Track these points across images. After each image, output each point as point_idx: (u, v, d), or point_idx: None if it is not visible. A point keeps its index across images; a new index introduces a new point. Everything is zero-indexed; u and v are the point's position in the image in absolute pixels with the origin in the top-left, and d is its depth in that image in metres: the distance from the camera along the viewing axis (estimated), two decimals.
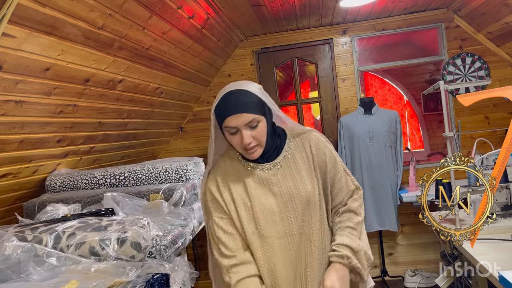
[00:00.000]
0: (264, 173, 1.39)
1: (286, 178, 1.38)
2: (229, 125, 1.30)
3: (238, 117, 1.28)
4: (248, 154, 1.35)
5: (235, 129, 1.30)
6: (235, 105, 1.29)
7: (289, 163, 1.40)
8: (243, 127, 1.29)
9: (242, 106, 1.29)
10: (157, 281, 1.61)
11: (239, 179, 1.40)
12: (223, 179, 1.41)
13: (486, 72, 3.73)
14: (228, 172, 1.42)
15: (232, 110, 1.29)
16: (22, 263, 1.61)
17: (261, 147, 1.35)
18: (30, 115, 2.06)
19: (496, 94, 1.95)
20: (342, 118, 3.75)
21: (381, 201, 3.52)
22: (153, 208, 2.29)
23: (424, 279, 3.63)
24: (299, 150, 1.42)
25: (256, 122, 1.30)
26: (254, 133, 1.31)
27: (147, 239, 1.81)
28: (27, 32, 1.65)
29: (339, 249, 1.33)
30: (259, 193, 1.37)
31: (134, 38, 2.32)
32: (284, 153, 1.41)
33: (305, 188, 1.37)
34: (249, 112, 1.29)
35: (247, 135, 1.29)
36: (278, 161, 1.40)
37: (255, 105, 1.30)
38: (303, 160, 1.41)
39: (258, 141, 1.32)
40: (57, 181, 2.65)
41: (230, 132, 1.32)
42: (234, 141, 1.33)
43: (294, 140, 1.44)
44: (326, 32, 3.98)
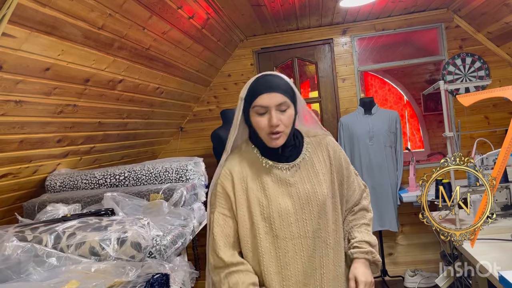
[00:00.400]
0: (283, 173, 1.37)
1: (304, 181, 1.37)
2: (260, 104, 1.29)
3: (271, 96, 1.29)
4: (272, 140, 1.32)
5: (265, 110, 1.30)
6: (269, 84, 1.31)
7: (307, 165, 1.40)
8: (273, 108, 1.29)
9: (276, 86, 1.30)
10: (157, 281, 1.61)
11: (256, 177, 1.37)
12: (239, 175, 1.38)
13: (486, 72, 3.73)
14: (245, 168, 1.39)
15: (265, 89, 1.29)
16: (22, 263, 1.61)
17: (285, 136, 1.34)
18: (30, 115, 2.06)
19: (496, 94, 1.95)
20: (342, 118, 3.74)
21: (381, 201, 3.52)
22: (153, 208, 2.29)
23: (424, 279, 3.63)
24: (316, 152, 1.43)
25: (286, 107, 1.31)
26: (282, 117, 1.31)
27: (147, 239, 1.81)
28: (27, 32, 1.65)
29: (362, 245, 1.40)
30: (276, 193, 1.35)
31: (134, 38, 2.32)
32: (303, 155, 1.41)
33: (322, 191, 1.37)
34: (282, 94, 1.30)
35: (276, 116, 1.29)
36: (296, 163, 1.39)
37: (288, 90, 1.32)
38: (320, 163, 1.41)
39: (285, 126, 1.31)
40: (57, 181, 2.65)
41: (259, 113, 1.31)
42: (262, 123, 1.31)
43: (311, 142, 1.45)
44: (326, 32, 3.98)
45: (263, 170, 1.38)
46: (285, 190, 1.36)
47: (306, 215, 1.35)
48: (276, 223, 1.33)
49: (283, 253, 1.34)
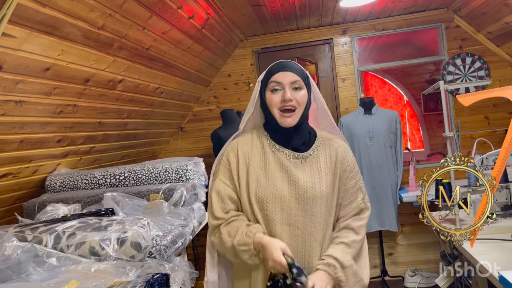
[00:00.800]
0: (286, 161, 1.40)
1: (306, 174, 1.39)
2: (275, 80, 1.37)
3: (286, 74, 1.37)
4: (284, 118, 1.37)
5: (280, 86, 1.37)
6: (285, 64, 1.41)
7: (312, 161, 1.42)
8: (287, 85, 1.37)
9: (291, 66, 1.40)
10: (157, 281, 1.61)
11: (260, 156, 1.42)
12: (245, 150, 1.43)
13: (486, 72, 3.73)
14: (253, 145, 1.44)
15: (281, 68, 1.39)
16: (22, 263, 1.61)
17: (297, 116, 1.38)
18: (30, 115, 2.06)
19: (496, 94, 1.95)
20: (342, 118, 3.74)
21: (381, 201, 3.52)
22: (153, 208, 2.29)
23: (424, 279, 3.63)
24: (324, 153, 1.44)
25: (299, 86, 1.38)
26: (295, 94, 1.37)
27: (147, 239, 1.81)
28: (27, 32, 1.65)
29: (327, 259, 1.35)
30: (276, 176, 1.39)
31: (134, 38, 2.32)
32: (311, 152, 1.43)
33: (321, 189, 1.38)
34: (296, 73, 1.38)
35: (292, 93, 1.36)
36: (302, 156, 1.41)
37: (302, 73, 1.41)
38: (325, 163, 1.42)
39: (298, 104, 1.37)
40: (57, 181, 2.65)
41: (273, 89, 1.38)
42: (275, 99, 1.37)
43: (323, 143, 1.46)
44: (326, 32, 3.98)
45: (269, 153, 1.42)
46: (285, 176, 1.39)
47: (300, 206, 1.37)
48: (268, 206, 1.36)
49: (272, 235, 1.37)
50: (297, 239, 1.37)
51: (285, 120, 1.37)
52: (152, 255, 1.91)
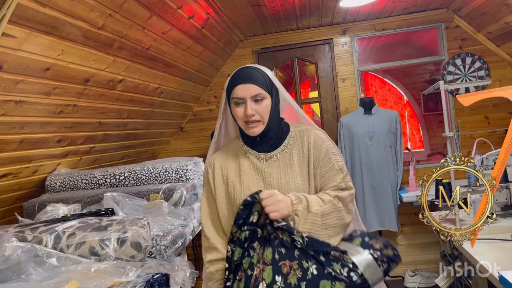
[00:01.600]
0: (260, 163, 1.42)
1: (280, 171, 1.40)
2: (236, 96, 1.36)
3: (245, 87, 1.35)
4: (249, 129, 1.38)
5: (241, 100, 1.36)
6: (245, 76, 1.38)
7: (285, 157, 1.42)
8: (248, 99, 1.35)
9: (251, 78, 1.37)
10: (157, 281, 1.61)
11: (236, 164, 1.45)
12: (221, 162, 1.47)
13: (486, 72, 3.73)
14: (229, 156, 1.47)
15: (241, 80, 1.37)
16: (22, 264, 1.61)
17: (263, 125, 1.38)
18: (30, 115, 2.06)
19: (496, 94, 1.95)
20: (342, 118, 3.74)
21: (381, 201, 3.52)
22: (153, 208, 2.29)
23: (424, 279, 3.63)
24: (297, 145, 1.44)
25: (261, 97, 1.37)
26: (257, 107, 1.36)
27: (147, 239, 1.81)
28: (27, 32, 1.65)
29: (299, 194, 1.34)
30: (250, 179, 1.40)
31: (134, 38, 2.32)
32: (283, 147, 1.43)
33: (295, 183, 1.38)
34: (256, 85, 1.36)
35: (251, 107, 1.35)
36: (275, 153, 1.42)
37: (264, 81, 1.38)
38: (298, 156, 1.43)
39: (261, 116, 1.37)
40: (57, 181, 2.65)
41: (236, 103, 1.37)
42: (239, 113, 1.37)
43: (295, 137, 1.46)
44: (326, 32, 3.98)
45: (244, 158, 1.44)
46: (260, 178, 1.40)
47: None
48: None
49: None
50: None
51: (250, 130, 1.38)
52: (152, 255, 1.91)
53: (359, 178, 3.57)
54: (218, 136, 1.53)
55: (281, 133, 1.45)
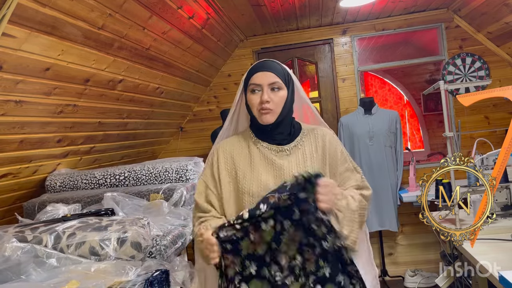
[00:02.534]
0: (271, 154, 1.43)
1: (291, 164, 1.41)
2: (254, 82, 1.40)
3: (264, 74, 1.39)
4: (262, 116, 1.39)
5: (258, 87, 1.39)
6: (264, 65, 1.42)
7: (297, 152, 1.43)
8: (265, 86, 1.38)
9: (270, 67, 1.41)
10: (157, 279, 1.61)
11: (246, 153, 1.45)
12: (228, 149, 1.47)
13: (486, 72, 3.73)
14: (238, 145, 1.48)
15: (260, 68, 1.41)
16: (22, 264, 1.61)
17: (275, 114, 1.40)
18: (30, 115, 2.06)
19: (496, 94, 1.95)
20: (342, 118, 3.74)
21: (381, 201, 3.51)
22: (153, 208, 2.29)
23: (424, 279, 3.63)
24: (310, 142, 1.46)
25: (278, 87, 1.40)
26: (273, 96, 1.39)
27: (147, 239, 1.81)
28: (27, 32, 1.65)
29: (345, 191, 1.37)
30: (261, 168, 1.41)
31: (134, 38, 2.32)
32: (295, 143, 1.45)
33: None
34: (275, 73, 1.39)
35: (267, 93, 1.38)
36: (287, 147, 1.43)
37: (282, 73, 1.42)
38: (311, 152, 1.44)
39: (275, 105, 1.39)
40: (57, 181, 2.65)
41: (252, 90, 1.40)
42: (254, 100, 1.40)
43: (308, 134, 1.48)
44: (326, 32, 3.97)
45: (254, 149, 1.45)
46: (270, 168, 1.41)
47: None
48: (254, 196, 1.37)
49: None
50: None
51: (264, 118, 1.39)
52: (152, 255, 1.91)
53: None
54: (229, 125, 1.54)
55: (293, 130, 1.46)
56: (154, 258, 1.89)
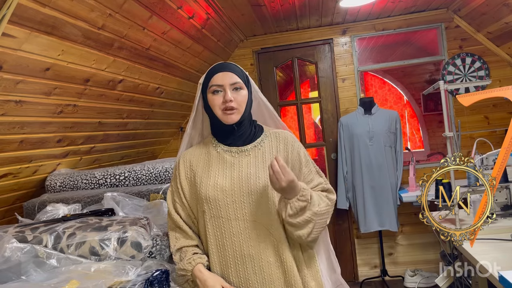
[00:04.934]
0: (230, 157, 1.43)
1: (250, 165, 1.41)
2: (215, 83, 1.40)
3: (225, 75, 1.39)
4: (227, 115, 1.39)
5: (220, 88, 1.39)
6: (224, 65, 1.43)
7: (257, 153, 1.44)
8: (227, 86, 1.39)
9: (229, 67, 1.43)
10: (157, 279, 1.61)
11: (205, 159, 1.46)
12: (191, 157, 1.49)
13: (486, 72, 3.73)
14: (199, 151, 1.49)
15: (220, 68, 1.42)
16: (22, 265, 1.61)
17: (239, 114, 1.41)
18: (30, 115, 2.06)
19: (496, 94, 1.95)
20: (342, 118, 3.74)
21: (381, 201, 3.52)
22: (153, 208, 2.29)
23: (424, 279, 3.63)
24: (270, 145, 1.46)
25: (239, 86, 1.41)
26: (236, 95, 1.39)
27: (147, 239, 1.81)
28: (27, 32, 1.65)
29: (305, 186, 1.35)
30: (217, 173, 1.42)
31: (134, 38, 2.32)
32: (256, 144, 1.45)
33: (264, 177, 1.38)
34: (235, 74, 1.41)
35: (232, 94, 1.39)
36: (246, 148, 1.44)
37: (242, 74, 1.44)
38: (272, 153, 1.44)
39: (238, 105, 1.40)
40: (57, 181, 2.65)
41: (214, 91, 1.40)
42: (216, 100, 1.40)
43: (269, 136, 1.48)
44: (326, 32, 3.98)
45: (214, 154, 1.46)
46: (228, 171, 1.41)
47: (244, 198, 1.38)
48: (211, 202, 1.39)
49: (221, 233, 1.39)
50: (249, 232, 1.37)
51: (228, 117, 1.40)
52: (152, 255, 1.91)
53: (359, 178, 3.57)
54: (191, 130, 1.54)
55: (254, 130, 1.47)
56: (154, 258, 1.89)
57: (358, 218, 3.58)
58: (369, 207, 3.52)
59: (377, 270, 3.91)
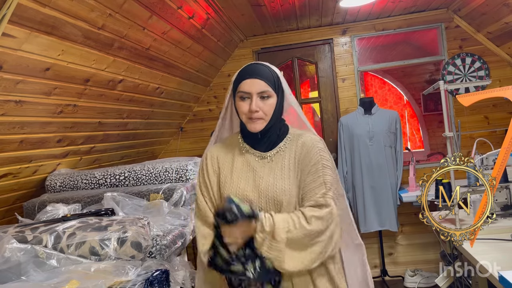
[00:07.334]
0: (254, 161, 1.42)
1: (269, 173, 1.40)
2: (243, 90, 1.36)
3: (253, 82, 1.35)
4: (251, 124, 1.37)
5: (247, 95, 1.36)
6: (254, 71, 1.37)
7: (278, 159, 1.42)
8: (255, 95, 1.35)
9: (260, 73, 1.36)
10: (157, 279, 1.61)
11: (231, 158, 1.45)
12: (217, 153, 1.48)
13: (486, 72, 3.73)
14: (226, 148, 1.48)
15: (249, 74, 1.36)
16: (22, 265, 1.61)
17: (264, 122, 1.38)
18: (30, 115, 2.06)
19: (496, 94, 1.95)
20: (342, 118, 3.74)
21: (381, 201, 3.52)
22: (153, 208, 2.29)
23: (424, 279, 3.63)
24: (290, 149, 1.44)
25: (267, 95, 1.36)
26: (262, 104, 1.36)
27: (147, 239, 1.81)
28: (27, 32, 1.65)
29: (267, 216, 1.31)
30: (241, 176, 1.41)
31: (134, 38, 2.32)
32: (278, 149, 1.43)
33: (282, 186, 1.37)
34: (264, 81, 1.35)
35: (256, 103, 1.35)
36: (269, 154, 1.42)
37: (272, 79, 1.37)
38: (290, 159, 1.42)
39: (264, 114, 1.36)
40: (57, 181, 2.65)
41: (241, 97, 1.37)
42: (243, 108, 1.37)
43: (292, 140, 1.45)
44: (326, 32, 3.98)
45: (239, 154, 1.44)
46: (251, 176, 1.40)
47: (262, 205, 1.37)
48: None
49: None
50: None
51: (252, 126, 1.37)
52: (152, 255, 1.91)
53: (359, 178, 3.57)
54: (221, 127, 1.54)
55: (279, 133, 1.44)
56: (154, 258, 1.89)
57: (358, 218, 3.58)
58: (369, 207, 3.52)
59: (377, 270, 3.91)
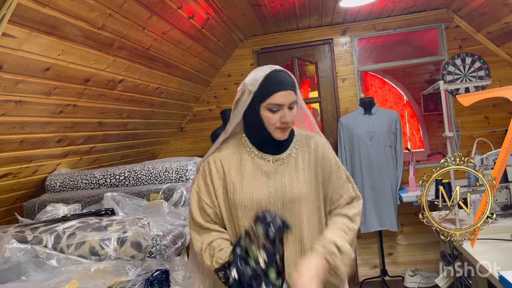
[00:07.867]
0: (266, 165, 1.40)
1: (284, 175, 1.39)
2: (275, 102, 1.32)
3: (287, 94, 1.32)
4: (279, 133, 1.36)
5: (278, 107, 1.32)
6: (285, 82, 1.33)
7: (291, 161, 1.41)
8: (287, 105, 1.33)
9: (290, 84, 1.34)
10: (157, 279, 1.61)
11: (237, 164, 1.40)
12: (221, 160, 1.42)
13: (486, 72, 3.73)
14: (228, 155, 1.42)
15: (282, 86, 1.32)
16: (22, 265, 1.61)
17: (289, 130, 1.39)
18: (30, 115, 2.06)
19: (496, 94, 1.95)
20: (342, 118, 3.74)
21: (381, 201, 3.52)
22: (153, 208, 2.29)
23: (424, 279, 3.63)
24: (303, 150, 1.43)
25: (295, 104, 1.36)
26: (289, 113, 1.35)
27: (147, 239, 1.81)
28: (27, 32, 1.65)
29: (327, 244, 1.31)
30: (254, 182, 1.37)
31: (134, 38, 2.32)
32: (289, 151, 1.42)
33: (299, 188, 1.37)
34: (294, 91, 1.34)
35: (289, 114, 1.33)
36: (282, 157, 1.41)
37: (295, 87, 1.36)
38: (304, 161, 1.41)
39: (291, 122, 1.36)
40: (57, 181, 2.65)
41: (272, 110, 1.33)
42: (273, 119, 1.33)
43: (300, 140, 1.45)
44: (326, 32, 3.98)
45: (248, 159, 1.40)
46: (263, 181, 1.38)
47: (279, 208, 1.36)
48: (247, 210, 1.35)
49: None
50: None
51: (281, 135, 1.37)
52: (152, 255, 1.91)
53: (359, 178, 3.56)
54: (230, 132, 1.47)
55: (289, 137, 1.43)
56: (154, 258, 1.89)
57: None
58: (369, 207, 3.52)
59: (377, 270, 3.91)
